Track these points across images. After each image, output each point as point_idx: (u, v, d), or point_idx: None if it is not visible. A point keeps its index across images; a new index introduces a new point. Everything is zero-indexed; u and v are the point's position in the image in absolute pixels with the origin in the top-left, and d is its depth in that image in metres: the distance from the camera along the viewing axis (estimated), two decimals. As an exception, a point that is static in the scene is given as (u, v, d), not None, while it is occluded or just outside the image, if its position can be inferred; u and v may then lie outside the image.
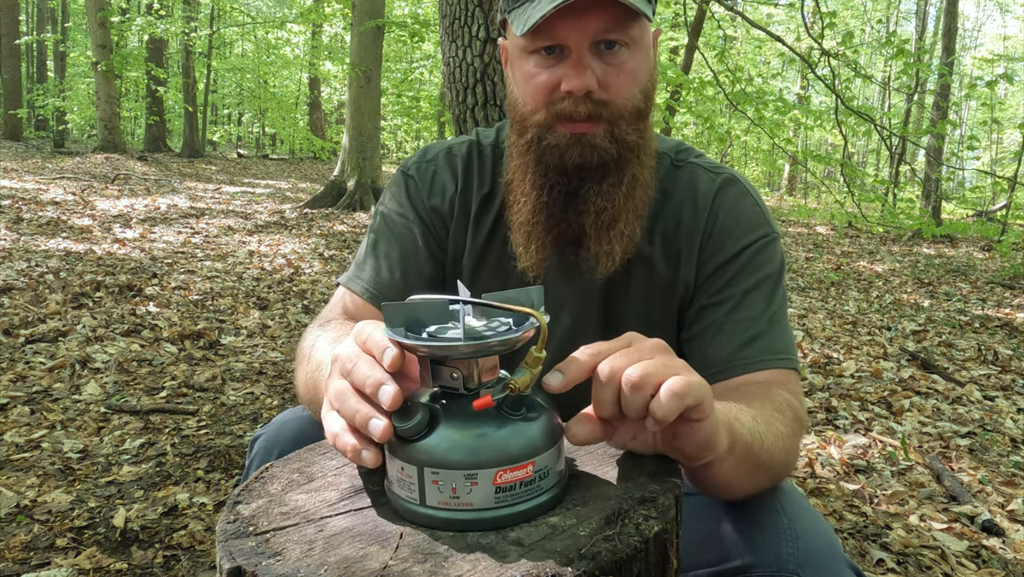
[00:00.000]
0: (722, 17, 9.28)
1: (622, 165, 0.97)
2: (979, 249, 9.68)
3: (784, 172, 23.56)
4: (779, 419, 0.85)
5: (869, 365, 3.92)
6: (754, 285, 1.01)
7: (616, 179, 0.98)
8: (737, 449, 0.74)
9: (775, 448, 0.81)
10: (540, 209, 0.99)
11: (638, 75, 0.97)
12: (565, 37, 0.92)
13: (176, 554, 1.89)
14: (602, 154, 0.96)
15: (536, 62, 0.96)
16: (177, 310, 4.21)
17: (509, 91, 1.03)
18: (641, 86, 0.98)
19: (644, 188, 1.01)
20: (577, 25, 0.91)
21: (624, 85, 0.95)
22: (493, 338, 0.63)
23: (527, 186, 1.00)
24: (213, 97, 22.98)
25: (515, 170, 1.03)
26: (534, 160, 0.98)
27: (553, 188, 0.98)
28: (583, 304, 1.08)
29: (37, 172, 10.81)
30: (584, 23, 0.91)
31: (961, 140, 24.15)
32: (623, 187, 0.98)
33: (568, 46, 0.92)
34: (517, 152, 1.01)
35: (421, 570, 0.56)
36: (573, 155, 0.96)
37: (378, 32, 9.64)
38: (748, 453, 0.77)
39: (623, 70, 0.95)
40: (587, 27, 0.91)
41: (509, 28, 0.98)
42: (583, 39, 0.92)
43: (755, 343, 0.97)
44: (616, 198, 0.98)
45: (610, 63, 0.94)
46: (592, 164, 0.96)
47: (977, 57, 21.86)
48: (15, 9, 17.04)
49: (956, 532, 2.16)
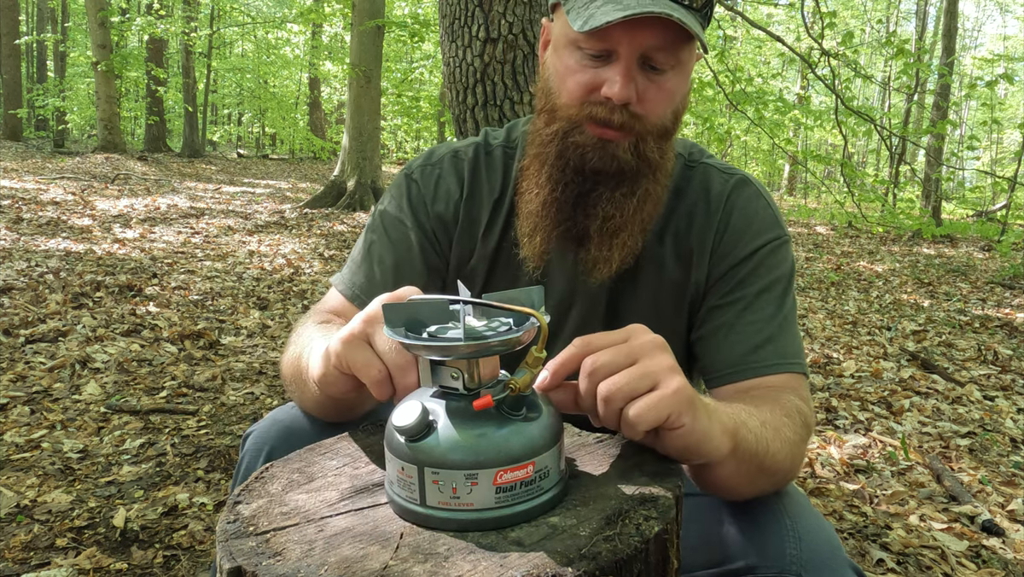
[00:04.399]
0: (722, 17, 9.27)
1: (638, 178, 0.97)
2: (979, 249, 9.68)
3: (784, 172, 23.56)
4: (788, 425, 0.85)
5: (869, 365, 3.92)
6: (765, 287, 1.01)
7: (629, 190, 0.97)
8: (740, 454, 0.74)
9: (780, 454, 0.81)
10: (551, 203, 0.99)
11: (675, 97, 0.97)
12: (617, 44, 0.91)
13: (176, 554, 1.88)
14: (622, 164, 0.96)
15: (581, 58, 0.95)
16: (177, 310, 4.21)
17: (543, 77, 1.02)
18: (674, 107, 0.98)
19: (654, 203, 1.01)
20: (632, 35, 0.90)
21: (660, 104, 0.95)
22: (493, 338, 0.63)
23: (542, 178, 1.00)
24: (213, 97, 22.97)
25: (533, 158, 1.02)
26: (555, 153, 0.98)
27: (568, 185, 0.98)
28: (591, 302, 1.08)
29: (37, 172, 10.80)
30: (640, 36, 0.90)
31: (961, 140, 24.15)
32: (635, 199, 0.98)
33: (618, 53, 0.92)
34: (539, 140, 1.00)
35: (421, 570, 0.56)
36: (594, 158, 0.95)
37: (378, 32, 9.64)
38: (753, 458, 0.77)
39: (663, 89, 0.95)
40: (641, 40, 0.90)
41: (560, 14, 0.97)
42: (634, 50, 0.91)
43: (767, 346, 0.96)
44: (626, 208, 0.98)
45: (652, 80, 0.94)
46: (610, 171, 0.96)
47: (977, 57, 21.85)
48: (15, 9, 17.04)
49: (956, 532, 2.16)
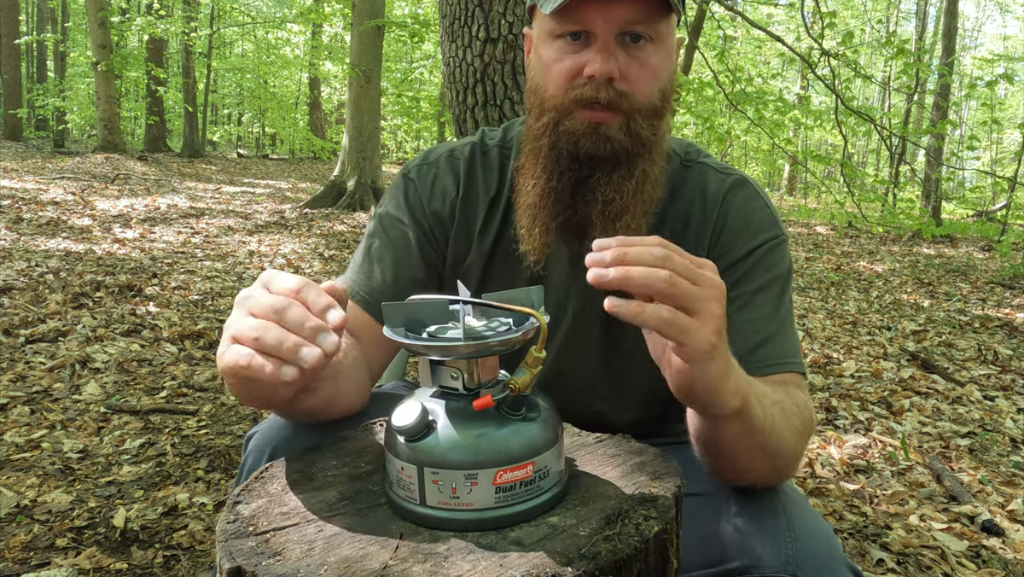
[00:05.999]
0: (722, 17, 9.27)
1: (633, 158, 0.97)
2: (979, 249, 9.68)
3: (784, 172, 23.55)
4: (796, 414, 0.86)
5: (869, 365, 3.92)
6: (762, 286, 1.01)
7: (627, 171, 0.97)
8: (745, 418, 0.75)
9: (784, 437, 0.82)
10: (548, 193, 0.99)
11: (659, 73, 0.97)
12: (592, 23, 0.92)
13: (176, 554, 1.88)
14: (615, 146, 0.96)
15: (560, 47, 0.96)
16: (177, 310, 4.21)
17: (530, 78, 1.03)
18: (661, 84, 0.98)
19: (653, 185, 1.01)
20: (605, 12, 0.91)
21: (645, 80, 0.95)
22: (493, 338, 0.63)
23: (538, 169, 1.00)
24: (213, 97, 22.97)
25: (528, 153, 1.02)
26: (548, 144, 0.98)
27: (564, 174, 0.98)
28: (587, 301, 1.07)
29: (37, 172, 10.80)
30: (613, 10, 0.91)
31: (961, 140, 24.14)
32: (633, 180, 0.98)
33: (594, 32, 0.93)
34: (532, 135, 1.01)
35: (421, 570, 0.56)
36: (587, 144, 0.96)
37: (378, 32, 9.64)
38: (758, 432, 0.78)
39: (646, 65, 0.95)
40: (615, 15, 0.91)
41: (536, 13, 0.98)
42: (610, 26, 0.92)
43: (767, 346, 0.97)
44: (625, 190, 0.98)
45: (634, 56, 0.94)
46: (604, 155, 0.96)
47: (977, 57, 21.84)
48: (15, 9, 17.04)
49: (956, 532, 2.16)
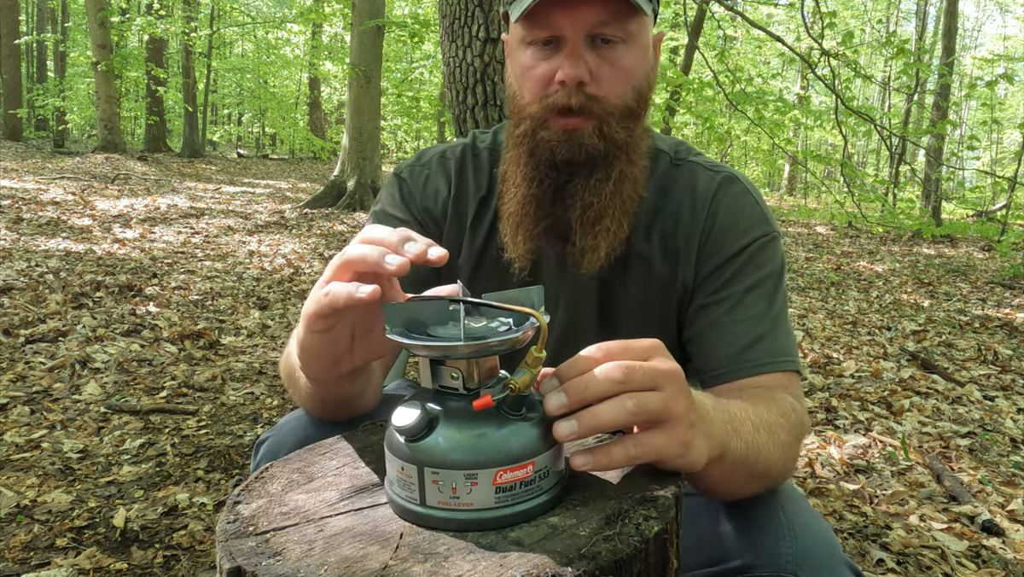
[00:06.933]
0: (722, 17, 9.28)
1: (610, 161, 0.98)
2: (979, 249, 9.68)
3: (784, 172, 23.56)
4: (783, 426, 0.84)
5: (869, 365, 3.92)
6: (754, 284, 1.00)
7: (604, 175, 0.98)
8: (727, 460, 0.74)
9: (774, 456, 0.81)
10: (529, 200, 1.00)
11: (632, 73, 0.97)
12: (560, 27, 0.92)
13: (176, 554, 1.88)
14: (590, 150, 0.96)
15: (533, 54, 0.96)
16: (177, 310, 4.21)
17: (508, 84, 1.04)
18: (635, 84, 0.98)
19: (632, 185, 1.01)
20: (573, 16, 0.91)
21: (616, 81, 0.95)
22: (493, 338, 0.63)
23: (519, 177, 1.01)
24: (213, 97, 22.97)
25: (510, 161, 1.04)
26: (527, 152, 0.99)
27: (543, 181, 0.99)
28: (580, 302, 1.08)
29: (37, 172, 10.80)
30: (580, 14, 0.91)
31: (961, 140, 24.14)
32: (610, 183, 0.98)
33: (564, 37, 0.93)
34: (513, 143, 1.02)
35: (421, 570, 0.56)
36: (562, 150, 0.96)
37: (378, 32, 9.64)
38: (743, 464, 0.77)
39: (617, 66, 0.95)
40: (583, 18, 0.92)
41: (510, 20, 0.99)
42: (579, 30, 0.92)
43: (758, 345, 0.96)
44: (603, 193, 0.98)
45: (605, 58, 0.94)
46: (580, 160, 0.97)
47: (977, 57, 21.82)
48: (15, 9, 17.03)
49: (956, 532, 2.16)
